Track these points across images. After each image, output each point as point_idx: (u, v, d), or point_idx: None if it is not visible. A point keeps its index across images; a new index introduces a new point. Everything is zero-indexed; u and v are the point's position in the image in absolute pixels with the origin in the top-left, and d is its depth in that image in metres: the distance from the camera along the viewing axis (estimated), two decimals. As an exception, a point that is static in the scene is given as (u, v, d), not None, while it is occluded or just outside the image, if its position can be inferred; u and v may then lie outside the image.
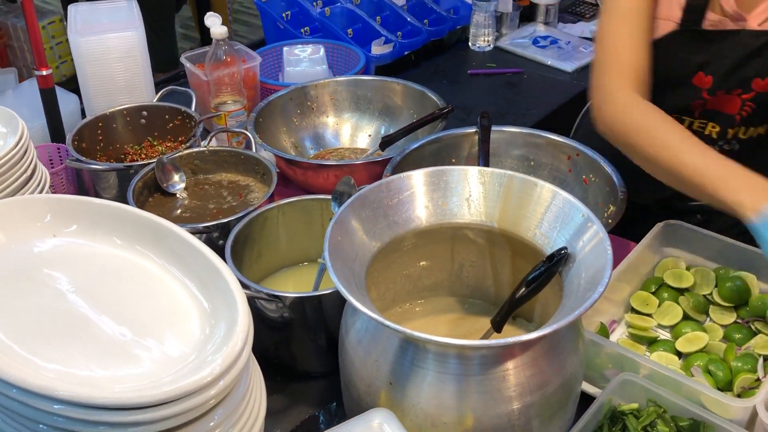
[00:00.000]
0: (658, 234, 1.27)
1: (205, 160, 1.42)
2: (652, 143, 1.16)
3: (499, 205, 1.03)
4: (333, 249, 0.91)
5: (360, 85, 1.69)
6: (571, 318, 0.80)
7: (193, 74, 1.74)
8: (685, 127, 1.23)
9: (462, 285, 1.16)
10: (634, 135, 1.19)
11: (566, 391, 0.92)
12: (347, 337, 0.96)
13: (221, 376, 0.78)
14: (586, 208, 0.94)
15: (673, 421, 0.97)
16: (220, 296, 0.88)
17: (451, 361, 0.86)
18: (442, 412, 0.87)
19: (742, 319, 1.19)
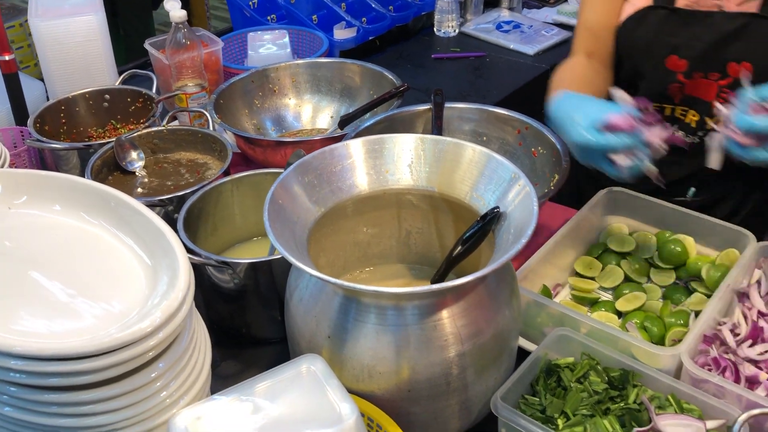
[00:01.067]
0: (601, 201, 1.31)
1: (164, 139, 1.45)
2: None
3: (438, 170, 1.07)
4: (273, 211, 0.94)
5: (319, 67, 1.72)
6: (496, 265, 0.84)
7: (157, 59, 1.78)
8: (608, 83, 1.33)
9: (410, 252, 1.20)
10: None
11: (499, 343, 0.95)
12: (291, 298, 1.00)
13: (161, 327, 0.81)
14: (516, 167, 0.98)
15: (605, 372, 1.01)
16: (163, 255, 0.91)
17: (389, 312, 0.90)
18: (378, 363, 0.90)
19: (681, 279, 1.23)
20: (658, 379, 0.98)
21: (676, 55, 1.32)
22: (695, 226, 1.26)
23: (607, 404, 0.97)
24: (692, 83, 1.33)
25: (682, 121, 1.39)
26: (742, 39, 1.27)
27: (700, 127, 1.37)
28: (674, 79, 1.34)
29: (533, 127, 1.42)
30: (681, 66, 1.33)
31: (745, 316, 1.09)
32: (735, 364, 1.01)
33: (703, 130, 1.37)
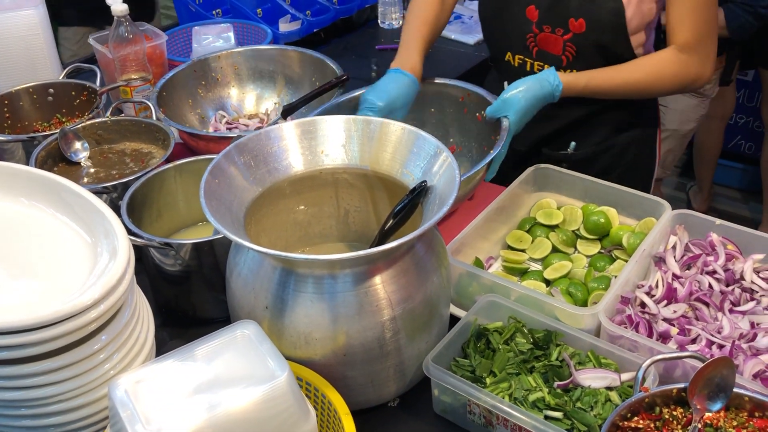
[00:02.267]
0: (530, 177, 1.38)
1: (108, 130, 1.48)
2: None
3: (370, 149, 1.12)
4: (209, 190, 0.99)
5: (261, 55, 1.76)
6: (421, 230, 0.90)
7: (102, 54, 1.79)
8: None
9: (349, 231, 1.25)
10: None
11: (429, 308, 1.01)
12: (231, 275, 1.04)
13: (101, 299, 0.85)
14: (438, 141, 1.04)
15: (530, 334, 1.07)
16: (103, 234, 0.95)
17: (325, 281, 0.95)
18: (314, 329, 0.96)
19: (605, 248, 1.31)
20: (579, 338, 1.05)
21: (534, 5, 1.46)
22: (618, 198, 1.34)
23: (532, 363, 1.04)
24: (543, 36, 1.47)
25: None
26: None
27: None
28: (530, 29, 1.48)
29: (473, 93, 1.48)
30: (535, 16, 1.46)
31: (661, 279, 1.16)
32: (650, 322, 1.09)
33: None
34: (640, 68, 1.39)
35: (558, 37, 1.45)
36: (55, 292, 0.90)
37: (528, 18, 1.47)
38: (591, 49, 1.43)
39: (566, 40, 1.44)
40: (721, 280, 1.15)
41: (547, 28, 1.45)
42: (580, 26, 1.42)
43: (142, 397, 0.77)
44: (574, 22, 1.42)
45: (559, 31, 1.44)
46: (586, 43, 1.43)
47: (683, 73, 1.38)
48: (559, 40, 1.45)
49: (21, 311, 0.86)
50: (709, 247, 1.21)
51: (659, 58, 1.38)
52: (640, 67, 1.39)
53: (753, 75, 3.28)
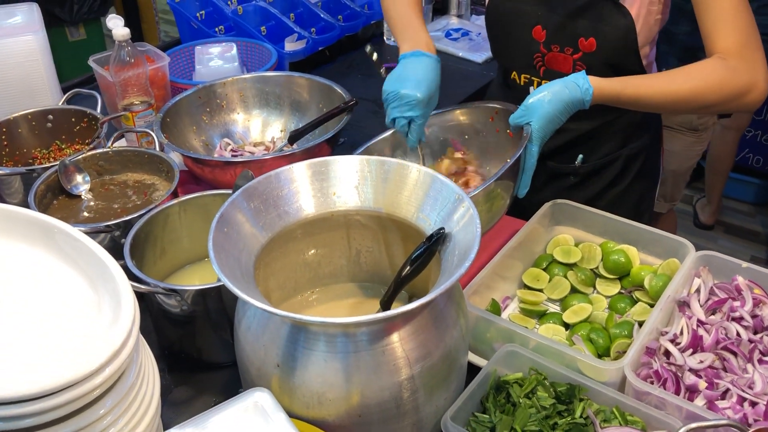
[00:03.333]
0: (547, 212, 1.34)
1: (109, 160, 1.43)
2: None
3: (384, 191, 1.08)
4: (217, 242, 0.94)
5: (267, 81, 1.71)
6: (439, 291, 0.85)
7: (102, 77, 1.75)
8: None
9: (360, 270, 1.21)
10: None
11: (448, 363, 0.97)
12: (239, 326, 0.99)
13: (106, 364, 0.80)
14: (459, 189, 0.99)
15: (552, 387, 1.03)
16: (105, 287, 0.90)
17: (338, 340, 0.90)
18: (327, 390, 0.91)
19: (625, 289, 1.27)
20: (603, 393, 1.01)
21: (540, 25, 1.42)
22: (637, 236, 1.30)
23: (555, 419, 0.99)
24: (551, 56, 1.43)
25: None
26: (587, 16, 1.37)
27: None
28: (537, 49, 1.44)
29: (501, 109, 1.42)
30: (542, 36, 1.42)
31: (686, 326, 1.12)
32: (677, 375, 1.04)
33: None
34: (680, 75, 1.24)
35: (567, 56, 1.41)
36: (55, 353, 0.85)
37: (535, 38, 1.43)
38: (602, 67, 1.40)
39: (576, 59, 1.40)
40: (749, 328, 1.11)
41: (555, 48, 1.42)
42: (590, 45, 1.38)
43: (150, 475, 0.72)
44: (584, 42, 1.38)
45: (568, 50, 1.40)
46: (596, 61, 1.39)
47: (732, 81, 1.21)
48: (569, 59, 1.41)
49: (19, 378, 0.81)
50: (735, 291, 1.17)
51: (702, 65, 1.24)
52: (681, 73, 1.25)
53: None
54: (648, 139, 1.56)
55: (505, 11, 1.46)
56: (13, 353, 0.84)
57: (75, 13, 3.73)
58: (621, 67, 1.39)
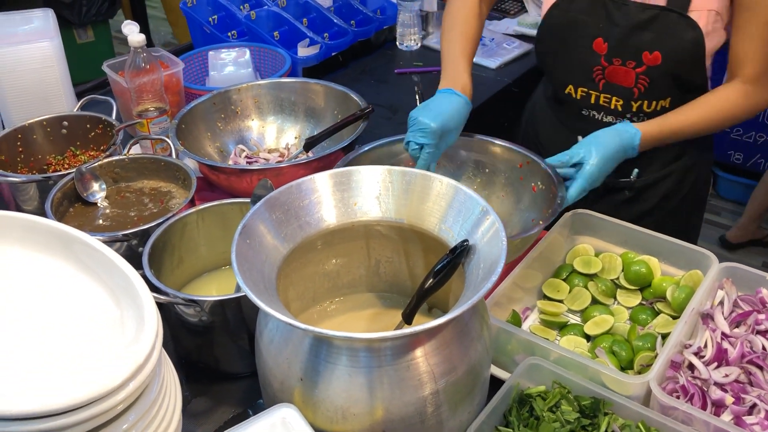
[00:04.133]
0: (567, 222, 1.32)
1: (125, 168, 1.42)
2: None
3: (406, 201, 1.07)
4: (240, 253, 0.93)
5: (282, 87, 1.71)
6: (465, 307, 0.84)
7: (116, 82, 1.74)
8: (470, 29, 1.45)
9: (380, 281, 1.20)
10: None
11: (472, 377, 0.96)
12: (261, 337, 0.98)
13: (130, 379, 0.80)
14: (484, 201, 0.98)
15: (576, 401, 1.02)
16: (128, 300, 0.89)
17: (361, 354, 0.89)
18: (352, 404, 0.90)
19: (646, 300, 1.25)
20: (628, 407, 0.99)
21: (601, 37, 1.40)
22: (658, 246, 1.28)
23: (580, 433, 0.98)
24: (612, 69, 1.41)
25: (608, 108, 1.46)
26: (652, 29, 1.35)
27: (627, 110, 1.45)
28: (598, 62, 1.42)
29: (533, 161, 1.40)
30: (604, 49, 1.40)
31: (710, 339, 1.11)
32: (702, 388, 1.03)
33: (630, 112, 1.44)
34: (708, 107, 1.34)
35: (629, 70, 1.38)
36: (80, 369, 0.84)
37: (595, 51, 1.40)
38: (666, 80, 1.37)
39: (639, 72, 1.38)
40: (774, 341, 1.10)
41: (617, 61, 1.39)
42: (655, 59, 1.36)
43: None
44: (648, 55, 1.35)
45: (630, 63, 1.38)
46: (661, 74, 1.37)
47: (752, 106, 1.34)
48: (631, 73, 1.38)
49: (43, 393, 0.81)
50: (760, 304, 1.15)
51: (726, 95, 1.34)
52: (708, 105, 1.34)
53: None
54: (701, 153, 1.54)
55: (564, 23, 1.43)
56: (37, 368, 0.83)
57: (83, 15, 3.74)
58: (685, 81, 1.37)
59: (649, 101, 1.40)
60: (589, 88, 1.45)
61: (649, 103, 1.41)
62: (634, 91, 1.40)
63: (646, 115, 1.43)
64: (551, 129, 1.61)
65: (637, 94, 1.40)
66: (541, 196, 1.37)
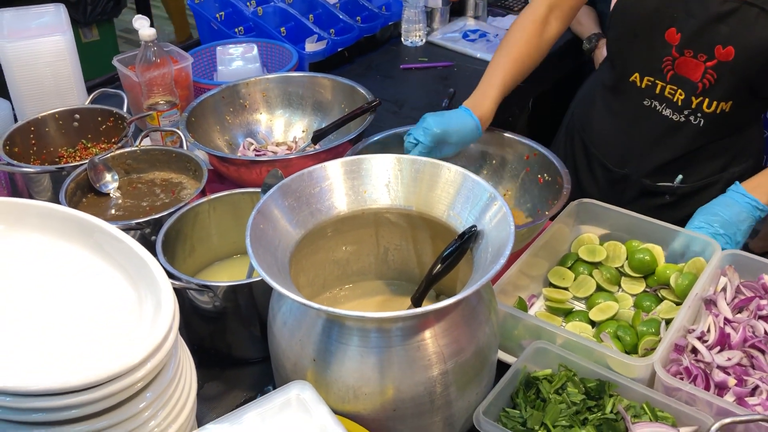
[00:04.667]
0: (571, 212, 1.34)
1: (137, 159, 1.45)
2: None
3: (415, 189, 1.09)
4: (255, 237, 0.95)
5: (290, 81, 1.73)
6: (473, 288, 0.86)
7: (126, 76, 1.77)
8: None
9: (388, 268, 1.22)
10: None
11: (480, 359, 0.98)
12: (274, 321, 1.01)
13: (148, 358, 0.82)
14: (492, 187, 1.00)
15: (582, 383, 1.04)
16: (146, 285, 0.92)
17: (372, 335, 0.92)
18: (364, 384, 0.92)
19: (650, 287, 1.27)
20: (632, 389, 1.02)
21: (675, 27, 1.37)
22: (662, 235, 1.30)
23: (585, 414, 1.00)
24: (682, 60, 1.39)
25: (670, 100, 1.45)
26: (729, 23, 1.32)
27: (686, 106, 1.43)
28: (669, 53, 1.39)
29: (541, 153, 1.42)
30: (676, 39, 1.38)
31: (713, 324, 1.13)
32: (706, 372, 1.05)
33: (689, 108, 1.43)
34: None
35: (699, 63, 1.36)
36: (98, 347, 0.86)
37: (667, 41, 1.39)
38: (733, 78, 1.35)
39: (708, 66, 1.36)
40: (776, 326, 1.12)
41: (688, 53, 1.38)
42: (727, 54, 1.33)
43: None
44: (721, 50, 1.33)
45: (702, 57, 1.36)
46: (729, 71, 1.35)
47: None
48: (700, 66, 1.37)
49: (65, 370, 0.83)
50: (762, 290, 1.18)
51: None
52: None
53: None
54: (751, 164, 1.52)
55: (638, 11, 1.41)
56: (59, 348, 0.86)
57: (88, 14, 3.75)
58: (752, 84, 1.35)
59: (710, 99, 1.38)
60: (656, 78, 1.43)
61: (710, 102, 1.39)
62: (698, 85, 1.38)
63: (703, 116, 1.41)
64: (606, 119, 1.59)
65: (701, 89, 1.38)
66: (547, 187, 1.39)
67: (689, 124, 1.43)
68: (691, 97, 1.41)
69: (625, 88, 1.50)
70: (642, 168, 1.53)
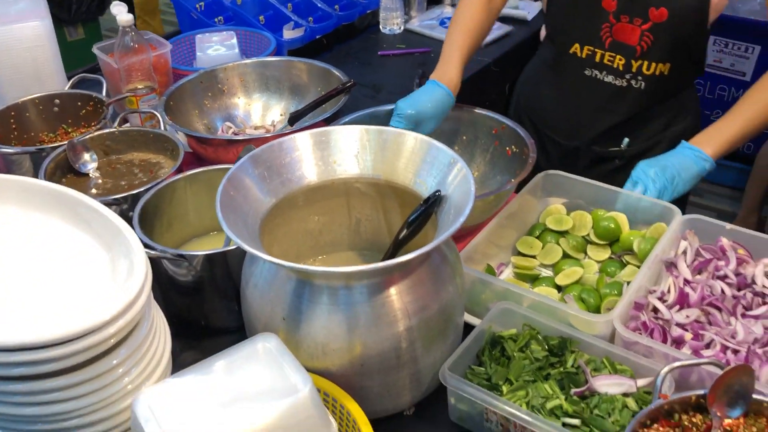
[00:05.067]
0: (538, 183, 1.38)
1: (116, 140, 1.48)
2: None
3: (383, 158, 1.13)
4: (224, 203, 0.99)
5: (267, 66, 1.76)
6: (436, 243, 0.90)
7: (106, 63, 1.79)
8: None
9: (360, 239, 1.25)
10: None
11: (445, 317, 1.01)
12: (247, 285, 1.04)
13: (121, 314, 0.85)
14: (453, 152, 1.04)
15: (545, 341, 1.07)
16: (120, 249, 0.95)
17: (340, 292, 0.95)
18: (331, 340, 0.96)
19: (615, 254, 1.31)
20: (593, 344, 1.05)
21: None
22: (627, 204, 1.34)
23: (548, 370, 1.04)
24: (619, 27, 1.46)
25: (611, 66, 1.51)
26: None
27: (627, 71, 1.50)
28: (606, 20, 1.46)
29: (509, 127, 1.47)
30: (612, 6, 1.45)
31: (673, 285, 1.17)
32: (664, 328, 1.09)
33: (630, 72, 1.49)
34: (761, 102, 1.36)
35: (635, 27, 1.44)
36: (75, 307, 0.90)
37: (605, 9, 1.45)
38: (669, 38, 1.43)
39: (644, 29, 1.43)
40: (733, 285, 1.16)
41: (624, 18, 1.44)
42: (660, 15, 1.41)
43: (166, 411, 0.77)
44: (654, 11, 1.41)
45: (637, 21, 1.43)
46: (664, 31, 1.42)
47: None
48: (637, 30, 1.44)
49: (40, 327, 0.86)
50: (720, 252, 1.22)
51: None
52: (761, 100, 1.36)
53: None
54: (690, 122, 1.60)
55: None
56: (35, 306, 0.89)
57: (73, 12, 3.77)
58: (686, 44, 1.41)
59: (649, 62, 1.46)
60: (596, 46, 1.50)
61: (648, 65, 1.46)
62: (637, 48, 1.45)
63: (644, 78, 1.48)
64: (550, 95, 1.65)
65: (640, 52, 1.45)
66: (515, 159, 1.44)
67: (631, 88, 1.49)
68: (630, 61, 1.48)
69: (566, 60, 1.57)
70: (591, 137, 1.59)
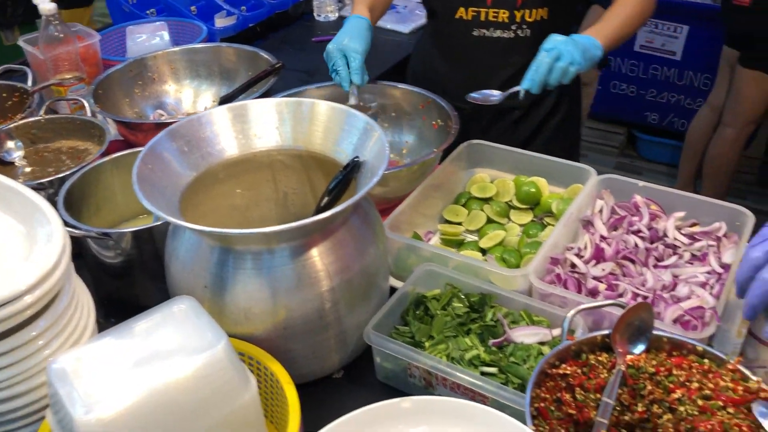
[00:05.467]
0: (462, 152, 1.42)
1: (42, 128, 1.47)
2: None
3: (302, 129, 1.15)
4: (142, 176, 1.00)
5: (196, 52, 1.77)
6: (354, 200, 0.93)
7: (33, 55, 1.78)
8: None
9: (288, 213, 1.27)
10: None
11: (367, 279, 1.04)
12: (170, 260, 1.05)
13: (37, 285, 0.86)
14: (368, 118, 1.07)
15: (466, 298, 1.11)
16: (39, 225, 0.95)
17: (264, 256, 0.97)
18: (253, 304, 0.98)
19: (537, 216, 1.36)
20: (512, 299, 1.09)
21: None
22: (546, 168, 1.39)
23: (469, 325, 1.08)
24: None
25: (497, 22, 1.58)
26: None
27: (512, 22, 1.57)
28: None
29: (434, 101, 1.52)
30: None
31: (589, 241, 1.21)
32: (579, 280, 1.14)
33: (515, 23, 1.57)
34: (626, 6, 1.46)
35: None
36: (-8, 282, 0.90)
37: None
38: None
39: None
40: (646, 238, 1.21)
41: None
42: None
43: (81, 374, 0.78)
44: None
45: None
46: None
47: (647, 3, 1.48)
48: None
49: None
50: (634, 208, 1.27)
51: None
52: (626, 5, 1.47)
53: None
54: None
55: None
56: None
57: (9, 15, 3.70)
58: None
59: (530, 10, 1.53)
60: (479, 5, 1.56)
61: (530, 13, 1.54)
62: (517, 1, 1.53)
63: (528, 26, 1.56)
64: (444, 65, 1.70)
65: (520, 2, 1.52)
66: (441, 132, 1.47)
67: (519, 38, 1.56)
68: (513, 12, 1.55)
69: (453, 26, 1.62)
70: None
